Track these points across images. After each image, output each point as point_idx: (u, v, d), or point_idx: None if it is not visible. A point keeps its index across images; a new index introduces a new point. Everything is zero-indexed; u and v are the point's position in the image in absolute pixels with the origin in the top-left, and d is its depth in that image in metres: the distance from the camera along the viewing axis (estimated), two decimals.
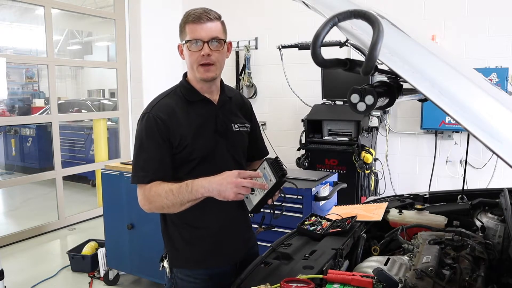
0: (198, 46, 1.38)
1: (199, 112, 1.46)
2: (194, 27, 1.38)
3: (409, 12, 4.13)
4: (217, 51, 1.41)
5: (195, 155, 1.41)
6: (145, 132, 1.41)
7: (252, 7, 5.03)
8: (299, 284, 1.07)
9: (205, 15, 1.39)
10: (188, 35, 1.39)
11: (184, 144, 1.40)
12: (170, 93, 1.49)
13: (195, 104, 1.47)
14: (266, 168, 1.29)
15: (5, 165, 8.02)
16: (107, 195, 3.26)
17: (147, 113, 1.43)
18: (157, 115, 1.40)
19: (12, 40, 9.55)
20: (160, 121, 1.39)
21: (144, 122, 1.42)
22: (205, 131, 1.44)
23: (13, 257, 4.03)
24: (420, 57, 0.89)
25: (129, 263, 3.20)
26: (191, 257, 1.49)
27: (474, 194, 1.77)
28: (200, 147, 1.41)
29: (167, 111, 1.42)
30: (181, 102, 1.46)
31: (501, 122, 0.75)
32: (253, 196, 1.32)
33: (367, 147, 3.86)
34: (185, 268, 1.50)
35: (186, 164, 1.42)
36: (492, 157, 3.86)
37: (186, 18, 1.40)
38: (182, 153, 1.41)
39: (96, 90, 11.70)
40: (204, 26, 1.38)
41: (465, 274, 1.11)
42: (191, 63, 1.42)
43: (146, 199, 1.39)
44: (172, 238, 1.51)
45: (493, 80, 3.62)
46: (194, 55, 1.40)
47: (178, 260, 1.51)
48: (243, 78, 5.06)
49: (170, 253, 1.53)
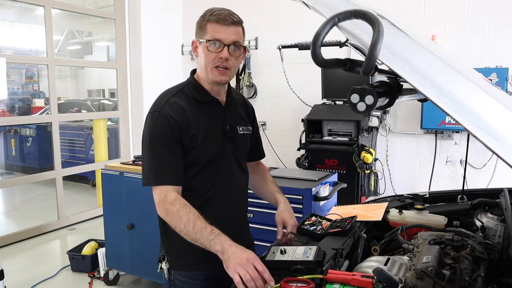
0: (217, 47, 1.33)
1: (209, 113, 1.42)
2: (217, 27, 1.33)
3: (409, 12, 4.13)
4: (235, 56, 1.36)
5: (202, 158, 1.37)
6: (157, 131, 1.35)
7: (252, 7, 5.02)
8: (299, 284, 1.07)
9: (230, 17, 1.34)
10: (209, 34, 1.33)
11: (194, 146, 1.37)
12: (178, 92, 1.43)
13: (204, 105, 1.42)
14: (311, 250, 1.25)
15: (5, 165, 8.02)
16: (107, 195, 3.26)
17: (158, 111, 1.36)
18: (169, 114, 1.34)
19: (12, 40, 9.55)
20: (173, 121, 1.34)
21: (155, 121, 1.36)
22: (214, 134, 1.40)
23: (13, 257, 4.03)
24: (420, 57, 0.89)
25: (129, 263, 3.20)
26: (190, 258, 1.46)
27: (474, 194, 1.77)
28: (209, 150, 1.37)
29: (179, 111, 1.36)
30: (191, 102, 1.41)
31: (501, 122, 0.75)
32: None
33: (367, 147, 3.86)
34: (184, 270, 1.48)
35: (194, 166, 1.38)
36: (492, 157, 3.86)
37: (210, 16, 1.35)
38: (189, 155, 1.37)
39: (96, 90, 11.70)
40: (228, 29, 1.33)
41: (465, 274, 1.11)
42: (206, 63, 1.37)
43: (165, 210, 1.31)
44: (171, 240, 1.48)
45: (493, 80, 3.62)
46: (211, 55, 1.34)
47: (177, 262, 1.49)
48: (243, 78, 5.06)
49: (169, 255, 1.51)
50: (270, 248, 1.31)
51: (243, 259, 1.14)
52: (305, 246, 1.28)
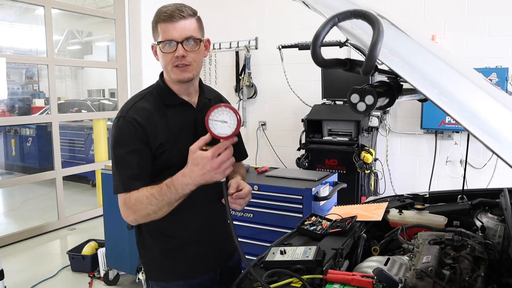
0: (171, 47, 1.28)
1: (178, 116, 1.37)
2: (166, 26, 1.27)
3: (409, 12, 4.13)
4: (193, 51, 1.30)
5: (174, 161, 1.31)
6: (121, 136, 1.31)
7: (252, 7, 5.02)
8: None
9: (177, 13, 1.27)
10: (160, 36, 1.28)
11: (162, 150, 1.32)
12: (146, 95, 1.38)
13: (174, 108, 1.37)
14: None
15: (5, 165, 8.03)
16: (107, 195, 3.26)
17: (122, 116, 1.31)
18: (133, 118, 1.30)
19: (12, 40, 9.56)
20: (138, 125, 1.29)
21: (120, 126, 1.31)
22: (184, 136, 1.34)
23: (13, 257, 4.04)
24: (420, 57, 0.89)
25: (129, 263, 3.20)
26: (168, 269, 1.42)
27: (474, 194, 1.77)
28: (180, 153, 1.29)
29: (145, 115, 1.31)
30: (158, 105, 1.36)
31: (501, 122, 0.75)
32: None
33: (367, 147, 3.86)
34: (161, 280, 1.44)
35: (167, 170, 1.30)
36: (492, 157, 3.86)
37: (158, 17, 1.29)
38: (160, 159, 1.33)
39: (96, 90, 11.71)
40: (177, 25, 1.26)
41: (465, 274, 1.11)
42: (165, 64, 1.32)
43: (128, 209, 1.27)
44: (148, 250, 1.45)
45: (493, 80, 3.62)
46: (168, 56, 1.29)
47: (154, 273, 1.45)
48: (243, 78, 5.06)
49: (146, 265, 1.47)
50: (270, 249, 1.31)
51: (213, 168, 1.15)
52: (305, 246, 1.28)
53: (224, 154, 1.16)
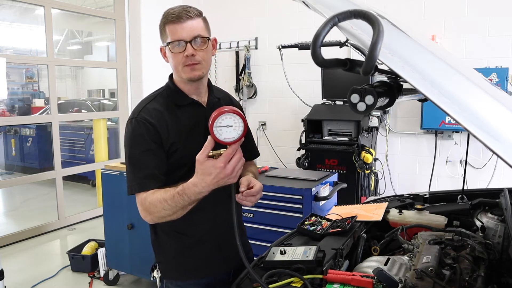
0: (180, 47, 1.32)
1: (189, 115, 1.40)
2: (174, 27, 1.31)
3: (409, 12, 4.14)
4: (201, 49, 1.34)
5: (186, 160, 1.33)
6: (134, 137, 1.34)
7: (252, 7, 5.02)
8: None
9: (184, 14, 1.31)
10: (169, 37, 1.32)
11: (175, 149, 1.35)
12: (156, 97, 1.42)
13: (184, 108, 1.41)
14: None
15: (5, 165, 8.02)
16: (107, 195, 3.26)
17: (134, 118, 1.35)
18: (145, 119, 1.33)
19: (12, 40, 9.55)
20: (150, 125, 1.33)
21: (132, 128, 1.34)
22: (195, 136, 1.36)
23: (13, 257, 4.04)
24: (420, 57, 0.89)
25: (129, 263, 3.20)
26: (183, 268, 1.44)
27: (474, 194, 1.77)
28: (191, 152, 1.29)
29: (156, 115, 1.35)
30: (169, 105, 1.39)
31: (501, 122, 0.75)
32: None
33: (367, 147, 3.86)
34: (175, 279, 1.47)
35: (178, 169, 1.35)
36: (492, 157, 3.87)
37: (165, 19, 1.33)
38: (172, 158, 1.36)
39: (96, 90, 11.70)
40: (185, 25, 1.31)
41: (465, 274, 1.11)
42: (175, 65, 1.36)
43: (145, 210, 1.31)
44: (163, 249, 1.47)
45: (493, 80, 3.62)
46: (178, 56, 1.33)
47: (169, 272, 1.47)
48: (243, 78, 5.06)
49: (161, 264, 1.49)
50: (270, 249, 1.31)
51: (226, 175, 1.16)
52: (305, 246, 1.28)
53: (235, 158, 1.17)
